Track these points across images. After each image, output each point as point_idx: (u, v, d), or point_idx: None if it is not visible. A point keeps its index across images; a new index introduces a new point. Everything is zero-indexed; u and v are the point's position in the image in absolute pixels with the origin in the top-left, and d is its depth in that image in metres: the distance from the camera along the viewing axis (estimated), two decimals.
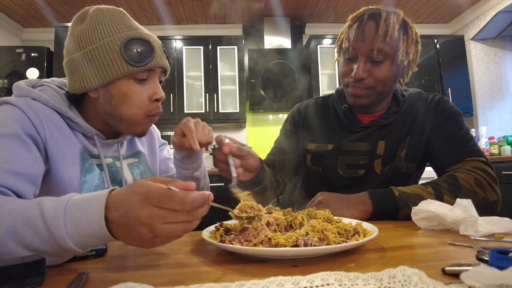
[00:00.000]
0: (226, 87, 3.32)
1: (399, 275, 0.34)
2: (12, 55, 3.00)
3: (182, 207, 0.43)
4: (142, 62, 0.74)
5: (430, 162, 0.97)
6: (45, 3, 3.11)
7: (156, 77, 0.79)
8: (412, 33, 0.91)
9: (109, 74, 0.73)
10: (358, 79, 0.89)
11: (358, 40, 0.88)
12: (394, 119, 0.96)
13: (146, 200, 0.43)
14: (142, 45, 0.75)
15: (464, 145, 0.89)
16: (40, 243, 0.47)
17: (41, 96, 0.75)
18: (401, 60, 0.88)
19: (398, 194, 0.79)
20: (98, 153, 0.79)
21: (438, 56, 3.46)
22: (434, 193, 0.79)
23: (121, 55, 0.73)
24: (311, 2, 3.29)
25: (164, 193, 0.43)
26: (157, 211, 0.42)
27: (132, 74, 0.74)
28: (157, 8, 3.30)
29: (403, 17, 0.91)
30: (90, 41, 0.74)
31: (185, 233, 0.45)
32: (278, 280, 0.35)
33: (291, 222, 0.58)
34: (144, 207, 0.42)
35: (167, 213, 0.43)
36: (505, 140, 3.25)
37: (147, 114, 0.78)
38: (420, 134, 0.94)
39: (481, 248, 0.48)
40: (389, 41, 0.86)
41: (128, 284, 0.36)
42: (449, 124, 0.93)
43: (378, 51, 0.86)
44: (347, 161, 0.97)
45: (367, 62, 0.88)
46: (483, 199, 0.79)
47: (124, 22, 0.77)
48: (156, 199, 0.43)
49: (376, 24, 0.87)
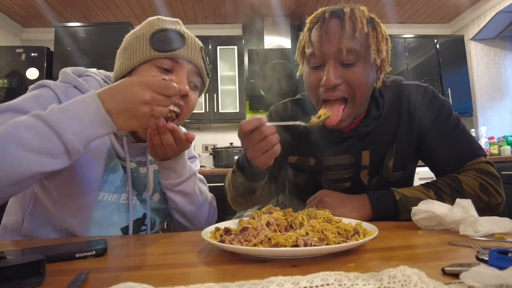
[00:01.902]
0: (226, 87, 3.32)
1: (399, 275, 0.34)
2: (12, 55, 3.00)
3: (173, 93, 0.60)
4: (165, 49, 0.74)
5: (428, 166, 0.90)
6: (45, 3, 3.11)
7: (183, 71, 0.76)
8: (381, 29, 0.79)
9: (134, 59, 0.75)
10: (330, 87, 0.75)
11: (323, 41, 0.75)
12: (376, 125, 0.86)
13: (148, 87, 0.57)
14: (172, 35, 0.76)
15: (461, 148, 0.83)
16: (41, 142, 0.52)
17: (83, 85, 0.76)
18: (373, 58, 0.77)
19: (399, 198, 0.77)
20: (124, 154, 0.78)
21: (438, 56, 3.47)
22: (436, 198, 0.75)
23: (148, 42, 0.75)
24: (311, 2, 3.29)
25: (161, 82, 0.59)
26: (156, 95, 0.58)
27: (155, 60, 0.75)
28: (157, 8, 3.30)
29: (369, 14, 0.79)
30: (132, 33, 0.79)
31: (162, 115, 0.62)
32: (278, 280, 0.35)
33: (291, 222, 0.58)
34: (146, 92, 0.57)
35: (162, 98, 0.59)
36: (505, 140, 3.26)
37: None
38: (408, 138, 0.86)
39: (481, 248, 0.48)
40: (358, 37, 0.74)
41: (128, 284, 0.36)
42: (440, 122, 0.84)
43: (348, 51, 0.74)
44: (330, 176, 0.91)
45: (337, 66, 0.76)
46: (486, 203, 0.77)
47: (167, 21, 0.79)
48: (156, 86, 0.58)
49: (341, 20, 0.75)
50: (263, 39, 3.55)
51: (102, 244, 0.54)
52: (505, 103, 3.66)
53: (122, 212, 0.77)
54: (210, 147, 3.49)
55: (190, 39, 0.78)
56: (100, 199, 0.73)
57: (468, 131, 0.87)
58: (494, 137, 3.36)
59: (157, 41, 0.74)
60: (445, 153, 0.84)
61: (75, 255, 0.51)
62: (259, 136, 0.67)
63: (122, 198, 0.77)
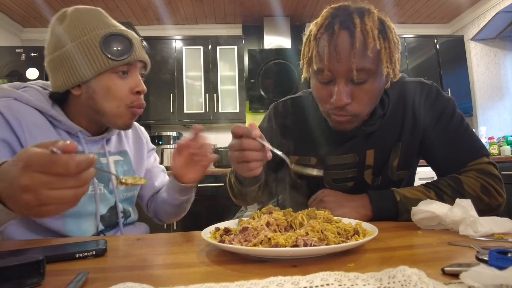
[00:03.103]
0: (226, 87, 3.32)
1: (399, 275, 0.34)
2: (11, 55, 3.00)
3: (66, 171, 0.40)
4: (122, 56, 0.77)
5: (430, 165, 0.90)
6: (45, 3, 3.10)
7: (136, 71, 0.82)
8: (393, 36, 0.73)
9: (91, 69, 0.77)
10: (341, 106, 0.73)
11: (333, 60, 0.70)
12: (381, 124, 0.84)
13: (28, 167, 0.40)
14: (121, 40, 0.79)
15: (463, 148, 0.83)
16: None
17: (23, 96, 0.78)
18: (387, 71, 0.73)
19: (399, 198, 0.76)
20: (82, 150, 0.81)
21: (437, 56, 3.47)
22: (436, 199, 0.74)
23: (101, 51, 0.76)
24: (311, 2, 3.29)
25: (46, 158, 0.40)
26: (40, 177, 0.40)
27: (114, 68, 0.78)
28: (157, 8, 3.30)
29: (378, 16, 0.73)
30: (70, 39, 0.77)
31: (77, 199, 0.44)
32: (278, 280, 0.35)
33: (291, 222, 0.58)
34: (26, 174, 0.40)
35: (52, 178, 0.41)
36: (505, 140, 3.26)
37: (129, 106, 0.81)
38: (412, 137, 0.85)
39: (481, 248, 0.48)
40: (370, 55, 0.69)
41: (128, 284, 0.36)
42: (444, 121, 0.84)
43: (359, 71, 0.69)
44: (333, 175, 0.89)
45: (348, 84, 0.72)
46: (487, 204, 0.77)
47: (101, 19, 0.80)
48: (38, 164, 0.40)
49: (351, 36, 0.69)
50: (263, 39, 3.55)
51: (102, 244, 0.54)
52: (505, 103, 3.66)
53: (94, 202, 0.82)
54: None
55: (134, 39, 0.81)
56: None
57: (472, 130, 0.87)
58: (494, 137, 3.36)
59: (111, 50, 0.77)
60: (447, 152, 0.84)
61: (75, 255, 0.51)
62: (237, 145, 0.64)
63: (91, 189, 0.81)
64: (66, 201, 0.43)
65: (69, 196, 0.42)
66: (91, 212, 0.81)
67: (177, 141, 3.27)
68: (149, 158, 1.04)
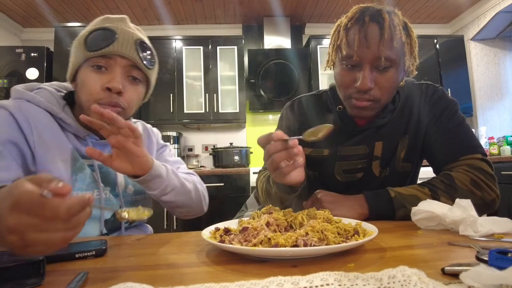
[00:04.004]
0: (226, 87, 3.32)
1: (399, 275, 0.34)
2: (12, 55, 3.00)
3: (55, 216, 0.38)
4: (96, 48, 0.76)
5: (427, 159, 0.94)
6: (45, 3, 3.11)
7: (116, 67, 0.77)
8: (413, 35, 0.83)
9: (75, 62, 0.78)
10: (365, 90, 0.79)
11: (362, 46, 0.77)
12: (391, 118, 0.91)
13: (15, 207, 0.38)
14: (104, 34, 0.77)
15: (459, 142, 0.86)
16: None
17: (35, 98, 0.78)
18: (408, 65, 0.83)
19: (394, 195, 0.78)
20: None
21: (437, 56, 3.47)
22: (430, 194, 0.78)
23: (83, 43, 0.77)
24: (311, 2, 3.29)
25: (35, 201, 0.37)
26: (26, 219, 0.38)
27: (89, 60, 0.76)
28: (157, 8, 3.30)
29: (402, 17, 0.83)
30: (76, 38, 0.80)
31: (66, 242, 0.41)
32: (277, 280, 0.35)
33: (291, 222, 0.58)
34: (12, 214, 0.38)
35: (39, 221, 0.38)
36: (505, 140, 3.26)
37: (97, 103, 0.74)
38: (417, 131, 0.91)
39: (481, 248, 0.48)
40: (396, 46, 0.77)
41: (128, 284, 0.36)
42: (444, 118, 0.89)
43: (386, 59, 0.76)
44: (344, 166, 0.93)
45: (373, 70, 0.79)
46: (480, 198, 0.78)
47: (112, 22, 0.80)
48: (26, 205, 0.37)
49: (380, 27, 0.77)
50: (263, 39, 3.55)
51: (102, 244, 0.54)
52: (505, 103, 3.66)
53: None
54: (210, 147, 3.49)
55: (122, 34, 0.77)
56: None
57: (472, 131, 0.90)
58: (494, 137, 3.36)
59: (89, 41, 0.77)
60: (444, 145, 0.88)
61: (75, 255, 0.51)
62: (265, 154, 0.66)
63: (96, 194, 0.80)
64: (53, 244, 0.40)
65: (56, 239, 0.39)
66: (95, 216, 0.80)
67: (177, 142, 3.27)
68: (160, 154, 1.02)
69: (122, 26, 0.79)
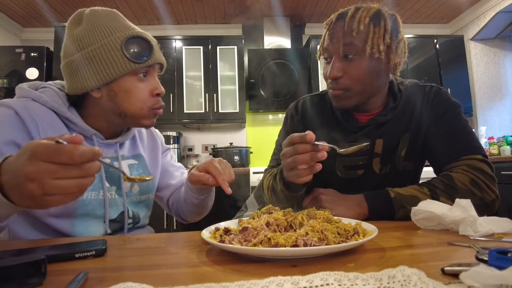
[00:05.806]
0: (226, 87, 3.32)
1: (399, 275, 0.34)
2: (11, 55, 3.00)
3: (70, 160, 0.42)
4: (142, 59, 0.78)
5: (428, 159, 0.95)
6: (45, 3, 3.11)
7: (155, 73, 0.83)
8: (386, 24, 0.84)
9: (112, 72, 0.76)
10: (332, 78, 0.86)
11: (329, 40, 0.87)
12: (392, 115, 0.92)
13: (34, 156, 0.42)
14: (142, 43, 0.79)
15: (460, 142, 0.87)
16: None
17: (41, 97, 0.78)
18: (372, 53, 0.82)
19: (393, 195, 0.78)
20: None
21: (437, 56, 3.47)
22: (430, 194, 0.78)
23: (123, 54, 0.76)
24: (311, 2, 3.30)
25: (52, 147, 0.42)
26: (45, 166, 0.42)
27: (134, 71, 0.78)
28: (156, 8, 3.30)
29: (378, 10, 0.85)
30: (90, 42, 0.76)
31: (80, 191, 0.45)
32: (277, 280, 0.35)
33: (291, 222, 0.58)
34: (31, 163, 0.42)
35: (56, 167, 0.42)
36: (505, 140, 3.26)
37: (150, 108, 0.82)
38: (418, 130, 0.91)
39: (481, 248, 0.48)
40: (355, 35, 0.82)
41: (128, 284, 0.36)
42: (446, 118, 0.90)
43: (346, 45, 0.83)
44: (345, 162, 0.94)
45: (341, 61, 0.85)
46: (480, 199, 0.78)
47: (120, 22, 0.80)
48: (44, 153, 0.42)
49: (343, 21, 0.85)
50: (263, 39, 3.55)
51: (101, 244, 0.54)
52: (505, 103, 3.66)
53: (104, 207, 0.81)
54: (210, 147, 3.49)
55: (152, 41, 0.81)
56: (80, 199, 0.76)
57: (474, 133, 0.90)
58: (494, 137, 3.36)
59: (132, 52, 0.77)
60: (444, 145, 0.88)
61: (75, 255, 0.51)
62: (291, 151, 0.67)
63: (101, 194, 0.81)
64: (69, 191, 0.44)
65: (72, 186, 0.43)
66: (100, 215, 0.81)
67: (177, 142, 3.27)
68: (165, 157, 1.04)
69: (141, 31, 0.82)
